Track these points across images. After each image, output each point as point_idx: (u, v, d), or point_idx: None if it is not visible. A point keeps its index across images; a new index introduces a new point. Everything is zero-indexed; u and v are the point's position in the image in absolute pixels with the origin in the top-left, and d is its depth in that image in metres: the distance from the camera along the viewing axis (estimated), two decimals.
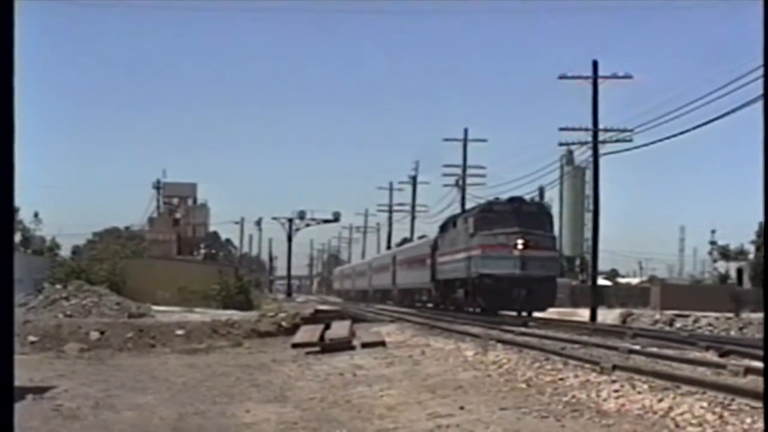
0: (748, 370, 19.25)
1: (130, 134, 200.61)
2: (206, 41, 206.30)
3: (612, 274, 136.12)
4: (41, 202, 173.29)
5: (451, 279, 57.29)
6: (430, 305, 65.44)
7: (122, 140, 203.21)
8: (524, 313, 49.06)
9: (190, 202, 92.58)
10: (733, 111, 42.77)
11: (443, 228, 63.47)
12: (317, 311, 43.29)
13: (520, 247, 49.04)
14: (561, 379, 18.57)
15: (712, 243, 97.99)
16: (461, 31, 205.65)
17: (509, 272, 49.01)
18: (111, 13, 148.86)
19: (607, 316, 61.28)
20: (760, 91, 35.27)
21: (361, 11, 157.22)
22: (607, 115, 58.95)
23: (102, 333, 36.37)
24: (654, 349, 25.26)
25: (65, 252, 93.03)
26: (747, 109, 41.15)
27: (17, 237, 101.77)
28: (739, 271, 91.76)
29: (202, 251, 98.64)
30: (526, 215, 51.20)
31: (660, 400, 14.97)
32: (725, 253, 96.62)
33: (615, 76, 58.77)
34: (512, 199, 54.07)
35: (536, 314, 49.24)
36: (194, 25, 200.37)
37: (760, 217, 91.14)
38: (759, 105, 40.68)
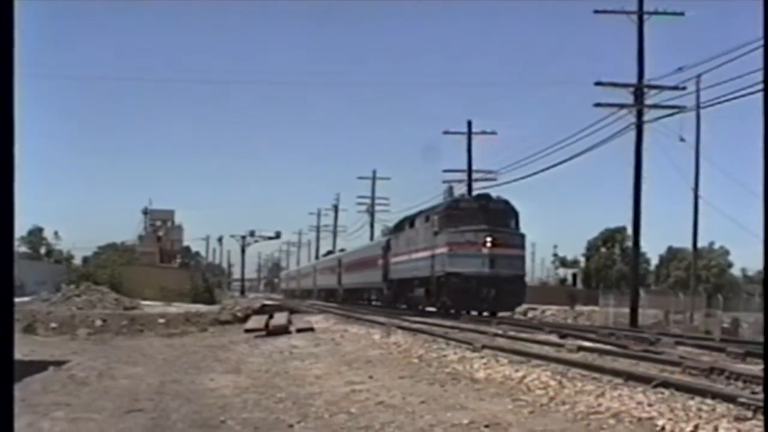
0: (580, 348, 19.54)
1: (125, 172, 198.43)
2: (180, 107, 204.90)
3: None
4: (60, 224, 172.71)
5: (407, 278, 44.62)
6: (376, 303, 55.44)
7: (120, 177, 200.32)
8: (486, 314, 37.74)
9: (169, 224, 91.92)
10: (563, 162, 43.05)
11: (397, 228, 50.50)
12: (264, 305, 43.03)
13: (488, 245, 37.45)
14: (444, 356, 18.64)
15: (555, 255, 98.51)
16: (371, 96, 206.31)
17: (478, 271, 37.30)
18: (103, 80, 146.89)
19: None
20: (582, 148, 35.17)
21: (307, 81, 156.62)
22: (479, 161, 59.28)
23: (104, 321, 36.03)
24: (512, 333, 25.44)
25: (77, 261, 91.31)
26: (576, 160, 41.55)
27: (43, 250, 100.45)
28: (574, 276, 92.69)
29: (178, 261, 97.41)
30: (493, 212, 38.95)
31: (516, 371, 15.11)
32: (564, 262, 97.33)
33: (484, 132, 59.07)
34: (479, 196, 42.05)
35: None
36: (166, 96, 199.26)
37: (589, 236, 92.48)
38: (583, 157, 41.27)
